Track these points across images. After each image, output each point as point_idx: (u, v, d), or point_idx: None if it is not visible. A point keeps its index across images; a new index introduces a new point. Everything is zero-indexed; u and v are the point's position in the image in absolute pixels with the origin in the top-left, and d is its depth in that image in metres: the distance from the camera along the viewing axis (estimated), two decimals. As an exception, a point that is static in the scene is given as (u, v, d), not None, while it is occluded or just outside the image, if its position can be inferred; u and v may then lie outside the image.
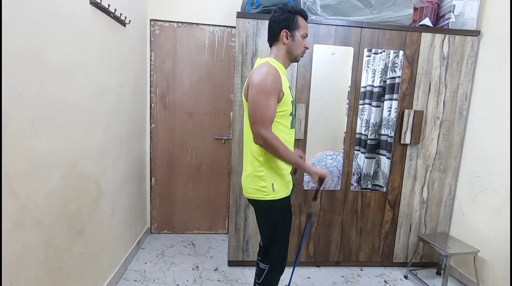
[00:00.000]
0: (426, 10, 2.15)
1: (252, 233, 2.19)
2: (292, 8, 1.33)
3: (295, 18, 1.33)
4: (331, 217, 2.23)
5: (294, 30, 1.34)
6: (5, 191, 1.02)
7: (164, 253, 2.41)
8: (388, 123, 2.29)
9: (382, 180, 2.36)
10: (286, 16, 1.33)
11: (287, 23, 1.33)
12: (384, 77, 2.34)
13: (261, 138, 1.24)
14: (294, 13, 1.33)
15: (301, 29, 1.35)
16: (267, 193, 1.34)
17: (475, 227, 2.07)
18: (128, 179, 2.16)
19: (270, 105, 1.24)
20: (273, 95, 1.25)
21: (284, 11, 1.33)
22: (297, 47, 1.36)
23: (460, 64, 2.10)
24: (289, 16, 1.33)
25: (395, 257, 2.32)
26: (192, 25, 2.52)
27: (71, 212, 1.42)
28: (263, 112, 1.24)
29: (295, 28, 1.34)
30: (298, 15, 1.34)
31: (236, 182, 2.12)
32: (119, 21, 1.85)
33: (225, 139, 2.68)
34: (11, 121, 1.03)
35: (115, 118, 1.90)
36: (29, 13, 1.10)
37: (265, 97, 1.23)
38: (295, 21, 1.33)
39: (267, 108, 1.24)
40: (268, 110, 1.24)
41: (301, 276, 2.18)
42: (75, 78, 1.40)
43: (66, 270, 1.40)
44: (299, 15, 1.34)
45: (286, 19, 1.33)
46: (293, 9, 1.33)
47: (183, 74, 2.57)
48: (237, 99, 2.04)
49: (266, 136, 1.24)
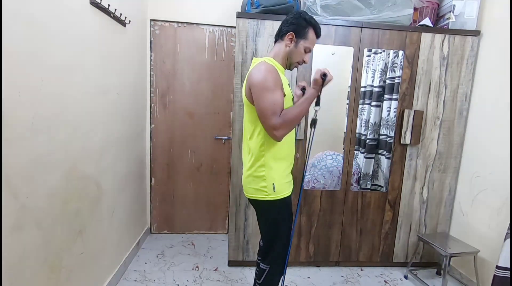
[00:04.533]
0: (426, 10, 2.15)
1: (252, 233, 2.19)
2: (309, 19, 1.33)
3: (307, 29, 1.33)
4: (331, 217, 2.23)
5: (301, 39, 1.34)
6: (5, 191, 1.02)
7: (164, 253, 2.41)
8: (387, 123, 2.29)
9: (382, 180, 2.36)
10: (299, 22, 1.32)
11: (297, 28, 1.33)
12: (384, 77, 2.34)
13: (280, 126, 1.23)
14: (308, 24, 1.33)
15: (307, 42, 1.34)
16: (268, 193, 1.34)
17: (475, 227, 2.07)
18: (128, 179, 2.16)
19: (276, 98, 1.24)
20: (276, 89, 1.25)
21: (301, 16, 1.33)
22: (296, 55, 1.36)
23: (460, 64, 2.10)
24: (302, 23, 1.33)
25: (395, 257, 2.32)
26: (192, 25, 2.52)
27: (71, 212, 1.42)
28: (271, 105, 1.23)
29: (302, 37, 1.33)
30: (311, 28, 1.34)
31: (236, 182, 2.12)
32: (119, 21, 1.85)
33: (225, 139, 2.68)
34: (11, 121, 1.03)
35: (115, 118, 1.89)
36: (29, 13, 1.10)
37: (270, 93, 1.23)
38: (306, 31, 1.33)
39: (274, 101, 1.23)
40: (276, 102, 1.24)
41: (301, 276, 2.18)
42: (75, 78, 1.40)
43: (66, 270, 1.40)
44: (312, 27, 1.34)
45: (298, 24, 1.32)
46: (309, 20, 1.33)
47: (183, 74, 2.57)
48: (237, 99, 2.04)
49: (278, 123, 1.23)
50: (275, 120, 1.22)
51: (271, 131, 1.25)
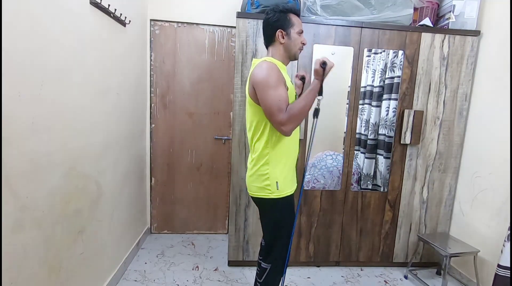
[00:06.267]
0: (426, 10, 2.15)
1: (252, 233, 2.19)
2: (283, 8, 1.35)
3: (288, 17, 1.35)
4: (331, 217, 2.23)
5: (289, 29, 1.35)
6: (5, 191, 1.02)
7: (164, 253, 2.40)
8: (386, 123, 2.29)
9: (380, 180, 2.36)
10: (279, 16, 1.34)
11: (281, 23, 1.34)
12: (384, 77, 2.34)
13: (286, 122, 1.23)
14: (286, 12, 1.35)
15: (295, 27, 1.36)
16: (271, 191, 1.35)
17: (475, 227, 2.07)
18: (128, 179, 2.16)
19: (280, 94, 1.24)
20: (280, 85, 1.25)
21: (276, 11, 1.35)
22: (295, 44, 1.38)
23: (460, 64, 2.10)
24: (281, 15, 1.34)
25: (395, 257, 2.32)
26: (192, 25, 2.51)
27: (71, 212, 1.42)
28: (276, 101, 1.23)
29: (289, 27, 1.35)
30: (290, 13, 1.36)
31: (236, 182, 2.12)
32: (119, 21, 1.85)
33: (225, 139, 2.68)
34: (11, 121, 1.03)
35: (115, 118, 1.89)
36: (29, 13, 1.10)
37: (273, 89, 1.24)
38: (288, 20, 1.35)
39: (279, 97, 1.24)
40: (281, 98, 1.24)
41: (301, 276, 2.18)
42: (75, 78, 1.40)
43: (66, 270, 1.40)
44: (291, 13, 1.36)
45: (279, 19, 1.34)
46: (284, 8, 1.35)
47: (183, 74, 2.57)
48: (237, 99, 2.04)
49: (287, 117, 1.23)
50: (282, 116, 1.23)
51: (278, 127, 1.26)
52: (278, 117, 1.23)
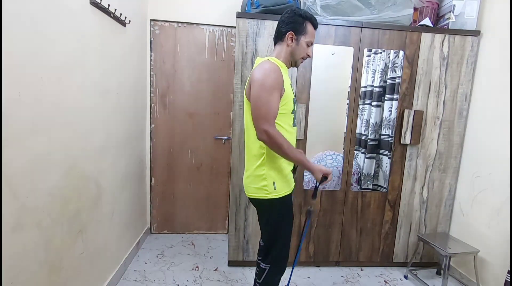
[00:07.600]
0: (426, 10, 2.15)
1: (252, 233, 2.18)
2: (304, 13, 1.34)
3: (304, 24, 1.34)
4: (331, 217, 2.23)
5: (301, 35, 1.35)
6: (5, 191, 1.02)
7: (164, 253, 2.40)
8: (389, 123, 2.29)
9: (383, 180, 2.36)
10: (296, 19, 1.34)
11: (295, 26, 1.34)
12: (384, 77, 2.34)
13: (265, 134, 1.23)
14: (305, 19, 1.34)
15: (307, 36, 1.36)
16: (269, 192, 1.34)
17: (475, 227, 2.07)
18: (128, 179, 2.16)
19: (273, 101, 1.24)
20: (275, 91, 1.25)
21: (296, 14, 1.34)
22: (300, 52, 1.38)
23: (460, 64, 2.10)
24: (298, 19, 1.34)
25: (395, 257, 2.32)
26: (192, 25, 2.52)
27: (71, 212, 1.42)
28: (266, 108, 1.23)
29: (301, 33, 1.35)
30: (308, 22, 1.35)
31: (236, 182, 2.12)
32: (119, 21, 1.85)
33: (225, 139, 2.68)
34: (11, 121, 1.03)
35: (115, 118, 1.89)
36: (29, 13, 1.10)
37: (267, 93, 1.24)
38: (304, 27, 1.34)
39: (271, 103, 1.24)
40: (272, 105, 1.24)
41: (301, 276, 2.18)
42: (75, 78, 1.40)
43: (66, 270, 1.40)
44: (309, 21, 1.35)
45: (295, 22, 1.34)
46: (304, 15, 1.34)
47: (183, 74, 2.57)
48: (237, 99, 2.04)
49: (270, 133, 1.23)
50: (264, 125, 1.23)
51: (257, 130, 1.26)
52: (261, 124, 1.24)
